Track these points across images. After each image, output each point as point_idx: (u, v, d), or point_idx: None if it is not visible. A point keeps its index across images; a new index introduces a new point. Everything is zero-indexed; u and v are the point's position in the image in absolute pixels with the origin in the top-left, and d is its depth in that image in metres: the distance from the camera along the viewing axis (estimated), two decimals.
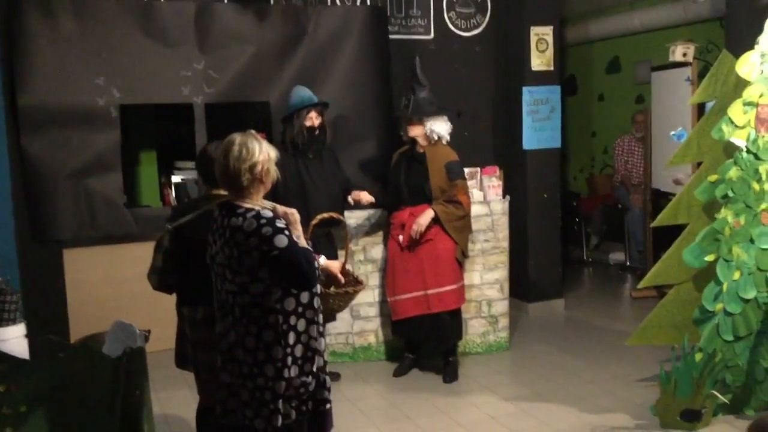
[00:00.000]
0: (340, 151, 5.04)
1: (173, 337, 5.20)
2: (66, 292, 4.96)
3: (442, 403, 4.24)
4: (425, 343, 4.75)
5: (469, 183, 5.08)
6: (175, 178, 6.13)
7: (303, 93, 4.45)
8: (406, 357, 4.76)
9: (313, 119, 4.40)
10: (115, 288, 5.10)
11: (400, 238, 4.52)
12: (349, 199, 4.53)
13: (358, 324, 4.95)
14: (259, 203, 2.64)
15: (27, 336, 4.01)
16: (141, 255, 5.12)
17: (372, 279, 4.91)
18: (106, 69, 4.79)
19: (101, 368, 2.58)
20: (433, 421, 4.00)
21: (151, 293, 5.10)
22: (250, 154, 2.57)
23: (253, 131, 2.68)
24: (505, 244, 5.10)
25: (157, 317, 4.99)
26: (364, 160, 5.32)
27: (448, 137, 4.55)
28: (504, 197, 5.15)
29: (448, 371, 4.61)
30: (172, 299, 5.11)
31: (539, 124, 5.85)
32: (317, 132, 4.42)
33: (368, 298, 4.91)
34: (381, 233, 4.91)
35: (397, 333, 4.73)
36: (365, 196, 4.52)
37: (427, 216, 4.38)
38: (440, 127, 4.50)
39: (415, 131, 4.50)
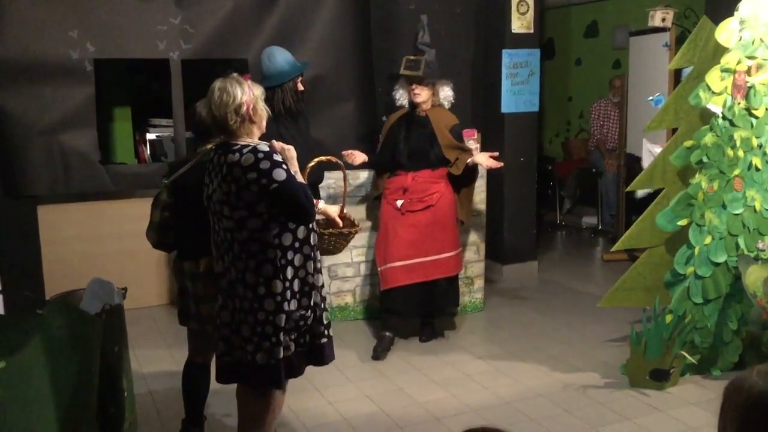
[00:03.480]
0: (319, 112, 5.00)
1: (150, 294, 5.25)
2: (41, 248, 4.90)
3: (417, 362, 4.30)
4: (416, 314, 4.52)
5: None
6: (150, 136, 6.05)
7: (290, 57, 4.18)
8: (385, 336, 4.46)
9: (300, 83, 4.20)
10: (90, 245, 5.07)
11: (399, 203, 4.34)
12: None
13: (335, 284, 4.98)
14: (254, 141, 2.66)
15: (2, 292, 3.98)
16: (116, 212, 5.13)
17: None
18: (80, 22, 4.66)
19: (80, 325, 2.57)
20: (409, 379, 4.06)
21: (126, 251, 5.14)
22: (231, 97, 2.60)
23: (235, 74, 2.69)
24: (482, 206, 5.14)
25: (132, 275, 5.00)
26: (344, 120, 5.27)
27: (452, 100, 4.47)
28: None
29: (426, 331, 4.61)
30: (148, 257, 5.12)
31: (518, 87, 5.84)
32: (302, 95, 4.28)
33: (345, 258, 4.92)
34: (359, 196, 4.90)
35: (388, 303, 4.41)
36: (359, 156, 4.33)
37: (484, 154, 4.34)
38: (448, 92, 4.42)
39: (423, 95, 4.31)
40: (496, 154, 4.35)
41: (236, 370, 2.75)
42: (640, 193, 5.12)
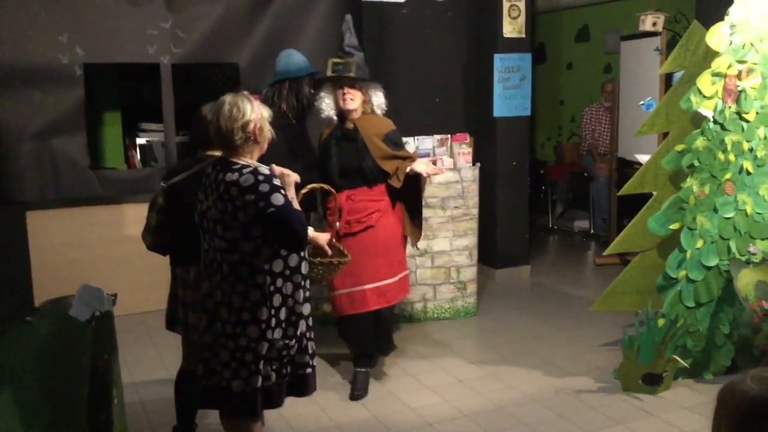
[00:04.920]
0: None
1: (140, 301, 5.20)
2: (29, 254, 4.87)
3: (409, 367, 4.28)
4: (369, 348, 4.01)
5: (440, 150, 5.10)
6: (140, 140, 6.02)
7: (305, 59, 4.13)
8: (359, 373, 3.97)
9: (310, 86, 4.10)
10: (80, 251, 5.04)
11: (337, 225, 3.84)
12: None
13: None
14: (255, 163, 2.63)
15: None
16: (106, 218, 5.10)
17: None
18: (69, 26, 4.63)
19: (70, 332, 2.55)
20: (401, 384, 4.05)
21: (116, 257, 5.10)
22: (241, 113, 2.57)
23: (245, 92, 2.68)
24: (475, 211, 5.13)
25: (122, 281, 4.96)
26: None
27: (384, 108, 3.96)
28: (474, 164, 5.17)
29: (360, 382, 3.95)
30: (138, 263, 5.08)
31: (510, 91, 5.85)
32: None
33: None
34: None
35: (344, 333, 4.03)
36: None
37: (424, 160, 3.91)
38: (381, 98, 3.92)
39: (356, 100, 3.81)
40: (436, 159, 4.04)
41: (213, 395, 2.68)
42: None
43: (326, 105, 3.90)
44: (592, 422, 3.56)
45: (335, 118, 3.92)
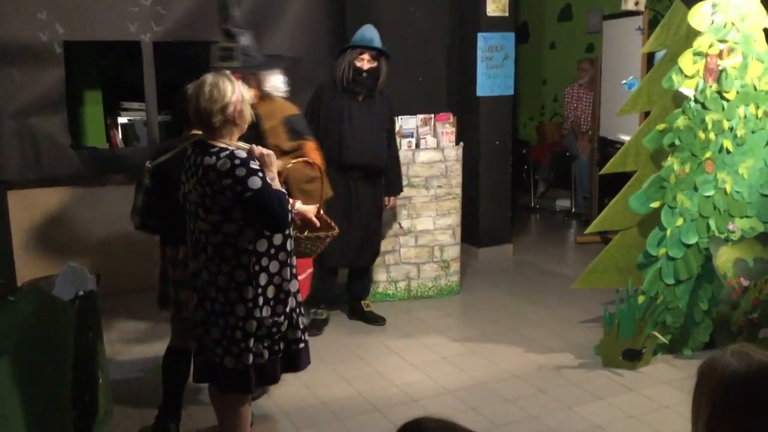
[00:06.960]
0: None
1: (124, 280, 5.18)
2: (11, 234, 4.82)
3: (394, 345, 4.32)
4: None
5: (423, 129, 5.10)
6: (122, 119, 5.98)
7: (366, 32, 4.20)
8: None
9: (364, 61, 4.15)
10: (62, 231, 5.00)
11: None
12: None
13: None
14: (233, 144, 2.62)
15: None
16: (87, 197, 5.06)
17: None
18: (49, 3, 4.56)
19: (53, 311, 2.54)
20: (385, 362, 4.08)
21: (99, 236, 5.07)
22: (221, 95, 2.54)
23: (227, 71, 2.65)
24: (458, 190, 5.15)
25: (106, 260, 4.94)
26: None
27: (285, 89, 3.69)
28: (457, 144, 5.18)
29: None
30: (121, 242, 5.07)
31: (493, 71, 5.85)
32: (364, 74, 4.18)
33: None
34: None
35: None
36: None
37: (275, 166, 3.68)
38: (277, 80, 3.66)
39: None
40: None
41: (208, 371, 2.73)
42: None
43: None
44: (573, 397, 3.62)
45: None
